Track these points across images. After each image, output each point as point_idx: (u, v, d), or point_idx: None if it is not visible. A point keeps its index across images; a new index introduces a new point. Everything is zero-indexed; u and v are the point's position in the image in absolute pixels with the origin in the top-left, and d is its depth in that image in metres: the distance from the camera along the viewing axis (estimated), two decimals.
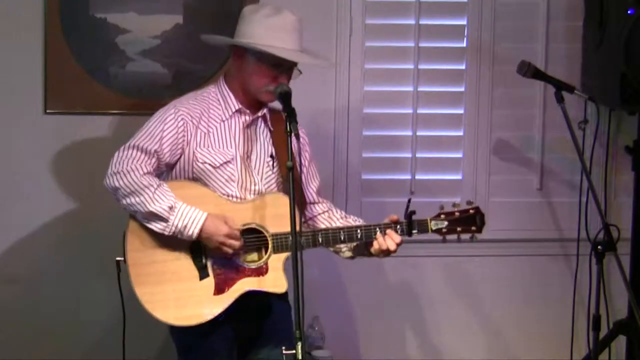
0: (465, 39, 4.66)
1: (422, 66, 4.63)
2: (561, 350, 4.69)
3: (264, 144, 3.81)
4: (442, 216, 3.77)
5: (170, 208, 3.60)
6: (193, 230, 3.59)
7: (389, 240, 3.70)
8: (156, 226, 3.62)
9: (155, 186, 3.62)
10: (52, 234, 4.50)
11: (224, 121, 3.76)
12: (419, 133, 4.65)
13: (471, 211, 3.81)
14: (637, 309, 4.10)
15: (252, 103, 3.77)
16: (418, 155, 4.65)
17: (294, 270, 3.26)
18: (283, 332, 3.73)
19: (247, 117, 3.78)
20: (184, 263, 3.65)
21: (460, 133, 4.68)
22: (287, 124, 3.46)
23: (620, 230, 4.31)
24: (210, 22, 4.44)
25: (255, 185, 3.76)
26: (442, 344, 4.74)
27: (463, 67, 4.67)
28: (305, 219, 3.85)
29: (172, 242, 3.65)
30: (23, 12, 4.40)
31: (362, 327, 4.66)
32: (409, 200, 3.74)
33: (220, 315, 3.62)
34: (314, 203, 3.88)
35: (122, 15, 4.44)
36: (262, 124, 3.83)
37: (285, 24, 3.69)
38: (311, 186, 3.89)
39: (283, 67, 3.69)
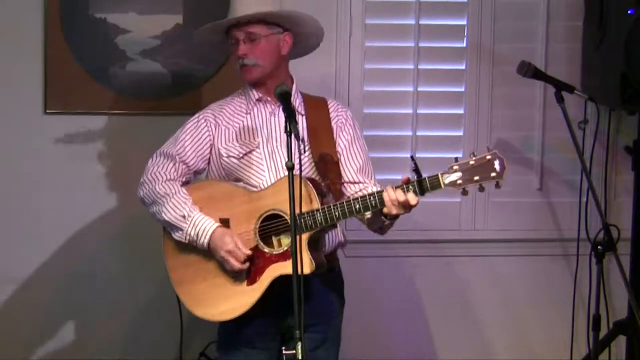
0: (465, 39, 4.66)
1: (422, 66, 4.63)
2: (561, 350, 4.69)
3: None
4: (455, 167, 3.45)
5: (184, 217, 3.65)
6: (203, 241, 3.63)
7: (399, 192, 3.50)
8: (175, 234, 3.68)
9: (172, 194, 3.68)
10: (52, 234, 4.49)
11: (248, 113, 3.78)
12: (419, 133, 4.65)
13: (488, 157, 3.44)
14: (637, 309, 4.09)
15: (272, 91, 3.73)
16: (418, 155, 4.62)
17: (294, 271, 3.25)
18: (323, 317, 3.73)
19: (271, 105, 3.79)
20: (215, 261, 3.66)
21: (460, 133, 4.68)
22: (287, 124, 3.44)
23: (620, 230, 4.31)
24: (210, 22, 4.42)
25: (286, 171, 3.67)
26: (442, 344, 4.74)
27: (463, 67, 4.66)
28: (340, 198, 3.71)
29: None
30: (23, 12, 4.39)
31: (363, 327, 4.65)
32: (412, 157, 3.50)
33: (255, 305, 3.62)
34: (353, 183, 3.80)
35: (122, 15, 4.44)
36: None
37: None
38: (351, 166, 3.82)
39: (237, 38, 3.74)
